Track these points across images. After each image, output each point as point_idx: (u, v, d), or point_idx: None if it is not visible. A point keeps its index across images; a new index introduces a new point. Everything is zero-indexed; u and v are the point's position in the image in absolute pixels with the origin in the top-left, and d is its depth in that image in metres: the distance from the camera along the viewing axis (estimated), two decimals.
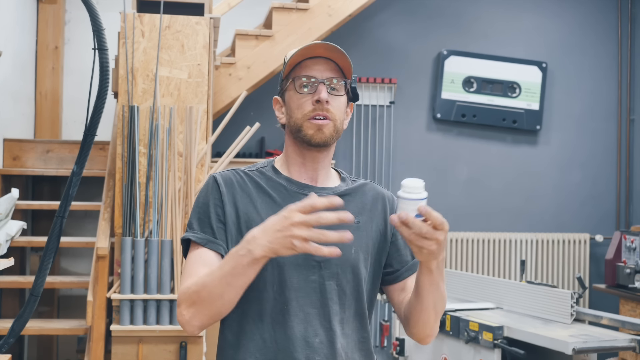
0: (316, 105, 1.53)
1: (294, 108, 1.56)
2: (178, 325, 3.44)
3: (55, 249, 1.70)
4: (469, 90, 5.42)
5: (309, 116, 1.54)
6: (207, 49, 3.64)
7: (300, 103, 1.54)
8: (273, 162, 1.64)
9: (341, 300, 1.54)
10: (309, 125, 1.54)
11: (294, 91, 1.55)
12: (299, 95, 1.55)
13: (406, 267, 1.64)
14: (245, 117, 4.66)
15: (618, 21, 5.72)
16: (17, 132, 4.62)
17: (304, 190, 1.57)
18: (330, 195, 1.32)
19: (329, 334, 1.51)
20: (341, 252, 1.32)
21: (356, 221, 1.58)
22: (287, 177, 1.59)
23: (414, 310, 1.55)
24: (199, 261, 1.50)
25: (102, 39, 1.65)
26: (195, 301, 1.43)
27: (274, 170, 1.61)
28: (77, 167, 1.67)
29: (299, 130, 1.55)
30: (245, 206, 1.54)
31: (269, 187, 1.57)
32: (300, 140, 1.56)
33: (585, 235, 5.53)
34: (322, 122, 1.53)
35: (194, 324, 1.45)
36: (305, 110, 1.54)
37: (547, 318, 3.26)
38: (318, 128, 1.53)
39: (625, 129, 5.72)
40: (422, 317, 1.55)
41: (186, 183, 3.49)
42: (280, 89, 1.62)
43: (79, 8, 4.96)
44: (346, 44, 5.26)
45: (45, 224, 4.59)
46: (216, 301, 1.42)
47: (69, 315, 4.56)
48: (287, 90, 1.58)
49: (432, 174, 5.43)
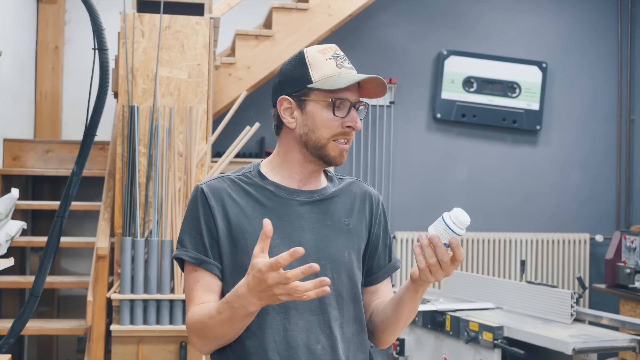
0: (346, 129, 1.52)
1: (319, 124, 1.51)
2: (178, 325, 3.44)
3: (55, 249, 1.70)
4: (469, 90, 5.42)
5: (335, 138, 1.52)
6: (207, 49, 3.64)
7: (329, 123, 1.51)
8: (259, 167, 1.60)
9: (339, 304, 1.54)
10: (334, 147, 1.52)
11: (327, 110, 1.50)
12: (334, 117, 1.51)
13: (383, 271, 1.66)
14: (245, 117, 4.66)
15: (618, 21, 5.72)
16: (17, 132, 4.62)
17: (293, 195, 1.55)
18: (294, 249, 1.25)
19: (330, 339, 1.51)
20: (329, 290, 1.30)
21: (346, 223, 1.58)
22: (275, 182, 1.56)
23: (388, 320, 1.57)
24: (198, 286, 1.52)
25: (102, 39, 1.65)
26: (202, 336, 1.48)
27: (260, 176, 1.57)
28: (77, 167, 1.67)
29: (321, 149, 1.52)
30: (236, 216, 1.52)
31: (258, 193, 1.55)
32: (317, 157, 1.54)
33: (585, 235, 5.53)
34: (346, 146, 1.53)
35: (205, 350, 1.52)
36: (334, 132, 1.51)
37: (547, 318, 3.26)
38: (341, 152, 1.53)
39: (625, 129, 5.72)
40: (394, 328, 1.59)
41: (186, 183, 3.49)
42: (299, 93, 1.53)
43: (79, 8, 4.96)
44: (346, 44, 5.26)
45: (45, 224, 4.59)
46: (221, 338, 1.48)
47: (69, 315, 4.56)
48: (312, 101, 1.51)
49: (432, 174, 5.43)
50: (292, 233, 1.52)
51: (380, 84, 1.53)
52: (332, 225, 1.56)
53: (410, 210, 5.35)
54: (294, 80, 1.52)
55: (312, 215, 1.55)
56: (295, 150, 1.55)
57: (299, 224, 1.53)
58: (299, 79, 1.52)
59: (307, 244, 1.51)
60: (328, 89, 1.49)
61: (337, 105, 1.50)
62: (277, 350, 1.48)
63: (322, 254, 1.53)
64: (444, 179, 5.46)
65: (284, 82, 1.55)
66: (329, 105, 1.50)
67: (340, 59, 1.53)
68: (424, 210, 5.38)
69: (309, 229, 1.53)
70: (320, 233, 1.54)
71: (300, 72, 1.52)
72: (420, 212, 5.37)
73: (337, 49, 1.55)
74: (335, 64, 1.51)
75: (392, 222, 5.31)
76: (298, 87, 1.52)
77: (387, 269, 1.66)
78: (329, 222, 1.56)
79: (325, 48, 1.54)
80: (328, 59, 1.51)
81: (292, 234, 1.52)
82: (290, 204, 1.54)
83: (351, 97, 1.52)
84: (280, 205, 1.53)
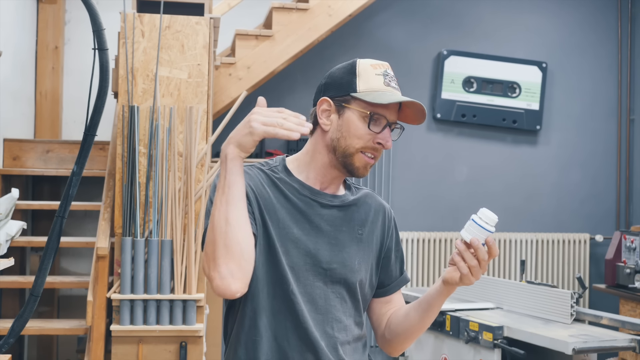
0: (377, 145, 1.53)
1: (352, 133, 1.53)
2: (178, 325, 3.44)
3: (55, 249, 1.70)
4: (469, 90, 5.42)
5: (364, 150, 1.54)
6: (207, 49, 3.64)
7: (362, 135, 1.53)
8: (284, 162, 1.62)
9: (343, 307, 1.57)
10: (360, 159, 1.54)
11: (362, 121, 1.52)
12: (368, 130, 1.52)
13: (396, 282, 1.69)
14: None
15: (618, 21, 5.72)
16: (17, 132, 4.62)
17: (315, 196, 1.58)
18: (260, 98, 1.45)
19: (332, 340, 1.54)
20: (309, 128, 1.41)
21: (359, 233, 1.61)
22: (300, 180, 1.59)
23: (413, 326, 1.60)
24: None
25: (102, 39, 1.65)
26: (212, 250, 1.40)
27: (286, 171, 1.60)
28: (77, 167, 1.67)
29: (348, 157, 1.54)
30: (265, 201, 1.54)
31: (284, 187, 1.57)
32: (342, 165, 1.56)
33: (585, 235, 5.53)
34: (372, 161, 1.55)
35: (225, 275, 1.40)
36: (365, 144, 1.53)
37: (547, 318, 3.26)
38: (365, 165, 1.55)
39: (625, 129, 5.72)
40: (418, 333, 1.62)
41: (186, 183, 3.49)
42: (341, 99, 1.55)
43: (79, 8, 4.96)
44: (346, 44, 5.26)
45: (45, 224, 4.59)
46: (226, 233, 1.39)
47: (69, 315, 4.56)
48: (351, 109, 1.53)
49: (432, 174, 5.43)
50: (310, 231, 1.55)
51: (420, 111, 1.55)
52: (347, 232, 1.59)
53: (411, 210, 5.35)
54: (340, 85, 1.55)
55: (330, 218, 1.58)
56: (324, 152, 1.57)
57: (317, 224, 1.56)
58: (345, 85, 1.55)
59: (322, 244, 1.55)
60: (369, 102, 1.51)
61: (374, 119, 1.52)
62: (286, 349, 1.50)
63: (335, 257, 1.56)
64: (444, 179, 5.45)
65: (330, 84, 1.57)
66: (366, 117, 1.52)
67: (388, 78, 1.55)
68: (424, 210, 5.38)
69: (326, 231, 1.57)
70: (335, 237, 1.57)
71: (348, 79, 1.55)
72: (420, 212, 5.37)
73: (388, 68, 1.58)
74: (383, 81, 1.54)
75: None
76: (342, 93, 1.55)
77: (400, 281, 1.70)
78: (344, 228, 1.59)
79: (378, 64, 1.57)
80: (377, 74, 1.54)
81: (310, 232, 1.55)
82: (312, 203, 1.57)
83: (389, 116, 1.54)
84: (304, 202, 1.56)
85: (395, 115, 1.56)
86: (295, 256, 1.52)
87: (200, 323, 3.50)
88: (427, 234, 5.28)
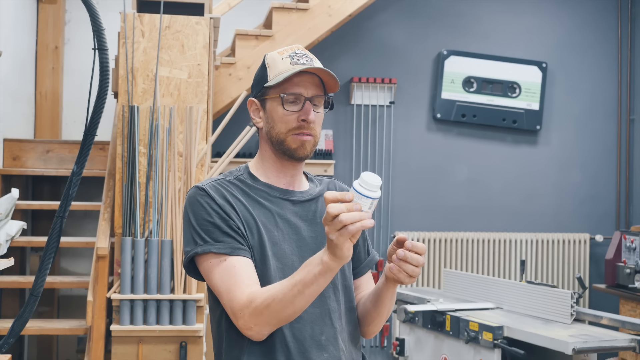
0: (301, 123, 1.55)
1: (277, 120, 1.57)
2: (178, 325, 3.44)
3: (55, 249, 1.70)
4: (469, 90, 5.42)
5: (293, 132, 1.56)
6: (207, 49, 3.65)
7: (285, 118, 1.56)
8: (248, 169, 1.64)
9: (336, 296, 1.60)
10: (293, 140, 1.56)
11: (280, 106, 1.56)
12: (285, 111, 1.55)
13: (364, 264, 1.72)
14: (245, 117, 4.65)
15: (618, 21, 5.72)
16: (17, 132, 4.62)
17: (285, 195, 1.61)
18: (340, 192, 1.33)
19: (331, 330, 1.56)
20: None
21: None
22: (266, 183, 1.61)
23: (370, 314, 1.63)
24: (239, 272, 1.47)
25: (102, 39, 1.65)
26: (262, 312, 1.42)
27: (251, 177, 1.62)
28: (77, 167, 1.66)
29: (281, 143, 1.57)
30: (242, 213, 1.55)
31: (254, 194, 1.59)
32: (281, 152, 1.58)
33: (585, 235, 5.53)
34: (305, 138, 1.56)
35: (264, 332, 1.47)
36: (290, 126, 1.56)
37: (547, 318, 3.26)
38: (301, 144, 1.56)
39: (625, 129, 5.72)
40: (378, 320, 1.65)
41: (186, 183, 3.49)
42: (259, 93, 1.61)
43: (79, 8, 4.96)
44: (346, 44, 5.26)
45: (45, 224, 4.59)
46: (291, 317, 1.43)
47: (69, 315, 4.56)
48: (269, 99, 1.58)
49: (432, 174, 5.43)
50: (289, 230, 1.57)
51: (330, 75, 1.55)
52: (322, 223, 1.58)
53: (410, 210, 5.36)
54: (257, 82, 1.62)
55: (304, 214, 1.61)
56: (267, 147, 1.62)
57: (294, 222, 1.59)
58: (260, 81, 1.61)
59: (308, 239, 1.58)
60: (277, 85, 1.55)
61: (287, 99, 1.55)
62: (286, 343, 1.51)
63: (319, 250, 1.55)
64: (444, 179, 5.46)
65: (253, 86, 1.65)
66: (280, 100, 1.55)
67: (297, 57, 1.57)
68: (423, 210, 5.39)
69: (306, 227, 1.59)
70: (314, 230, 1.60)
71: (261, 74, 1.61)
72: (420, 212, 5.37)
73: (297, 49, 1.60)
74: (290, 62, 1.56)
75: (392, 222, 5.31)
76: (259, 88, 1.61)
77: (368, 262, 1.73)
78: (318, 220, 1.61)
79: (285, 49, 1.60)
80: (284, 58, 1.57)
81: (289, 232, 1.57)
82: (283, 203, 1.60)
83: (305, 91, 1.55)
84: (276, 204, 1.59)
85: (313, 89, 1.57)
86: (282, 257, 1.54)
87: (200, 323, 3.50)
88: (427, 234, 5.28)
